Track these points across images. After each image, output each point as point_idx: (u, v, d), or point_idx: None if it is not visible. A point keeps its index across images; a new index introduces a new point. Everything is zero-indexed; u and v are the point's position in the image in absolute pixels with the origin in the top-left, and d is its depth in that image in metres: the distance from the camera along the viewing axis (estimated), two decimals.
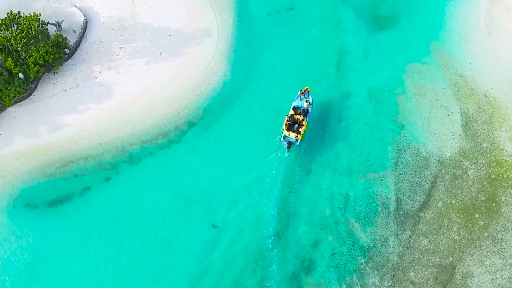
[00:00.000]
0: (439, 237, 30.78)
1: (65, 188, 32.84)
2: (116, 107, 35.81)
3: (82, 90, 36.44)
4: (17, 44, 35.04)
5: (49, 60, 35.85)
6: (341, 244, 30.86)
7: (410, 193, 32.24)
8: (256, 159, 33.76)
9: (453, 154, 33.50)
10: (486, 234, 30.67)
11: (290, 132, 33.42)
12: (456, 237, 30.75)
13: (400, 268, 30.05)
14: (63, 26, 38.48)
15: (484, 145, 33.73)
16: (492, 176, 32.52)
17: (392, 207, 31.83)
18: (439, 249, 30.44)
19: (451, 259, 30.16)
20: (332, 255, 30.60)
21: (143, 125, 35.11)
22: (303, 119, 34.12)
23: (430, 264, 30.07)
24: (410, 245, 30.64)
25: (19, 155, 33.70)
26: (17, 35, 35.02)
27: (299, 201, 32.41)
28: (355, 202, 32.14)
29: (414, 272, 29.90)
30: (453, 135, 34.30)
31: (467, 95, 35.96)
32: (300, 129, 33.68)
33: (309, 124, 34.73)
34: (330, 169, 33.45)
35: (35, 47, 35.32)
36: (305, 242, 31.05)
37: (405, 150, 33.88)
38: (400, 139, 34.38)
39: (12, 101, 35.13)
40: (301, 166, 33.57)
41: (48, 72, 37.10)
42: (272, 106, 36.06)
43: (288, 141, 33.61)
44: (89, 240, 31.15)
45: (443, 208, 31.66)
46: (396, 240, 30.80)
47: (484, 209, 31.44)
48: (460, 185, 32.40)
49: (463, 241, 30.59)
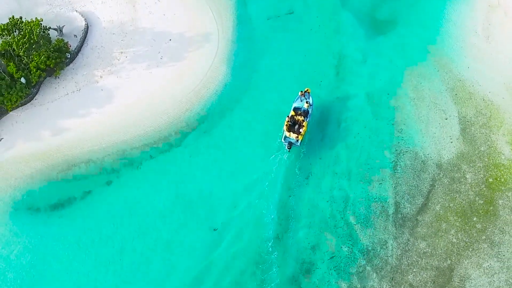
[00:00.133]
0: (437, 240, 31.01)
1: (66, 192, 33.04)
2: (117, 111, 36.03)
3: (84, 94, 36.66)
4: (19, 49, 35.28)
5: (51, 65, 36.01)
6: (340, 247, 31.05)
7: (408, 196, 32.47)
8: (256, 162, 33.94)
9: (451, 158, 33.71)
10: (483, 237, 30.89)
11: (291, 132, 33.71)
12: (454, 240, 30.98)
13: (399, 271, 30.28)
14: (64, 31, 38.63)
15: (482, 149, 33.96)
16: (490, 180, 32.74)
17: (391, 210, 32.06)
18: (437, 252, 30.67)
19: (449, 262, 30.38)
20: (332, 258, 30.82)
21: (144, 129, 35.31)
22: (303, 120, 34.38)
23: (428, 267, 30.29)
24: (409, 248, 30.87)
25: (21, 159, 33.90)
26: (19, 40, 35.25)
27: (299, 204, 32.60)
28: (354, 205, 32.33)
29: (412, 275, 30.13)
30: (451, 139, 34.52)
31: (465, 99, 36.16)
32: (301, 130, 33.94)
33: (309, 127, 34.94)
34: (329, 172, 33.62)
35: (37, 52, 35.54)
36: (305, 245, 31.24)
37: (404, 154, 34.11)
38: (399, 142, 34.59)
39: (14, 106, 35.32)
40: (300, 169, 33.73)
41: (50, 77, 37.31)
42: (272, 109, 36.19)
43: (289, 141, 33.84)
44: (90, 243, 31.35)
45: (441, 211, 31.88)
46: (394, 243, 31.04)
47: (482, 212, 31.68)
48: (458, 188, 32.63)
49: (461, 244, 30.82)
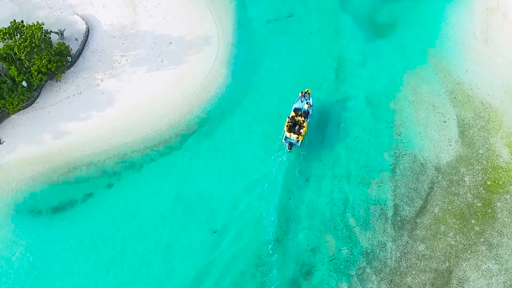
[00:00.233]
0: (436, 243, 31.20)
1: (68, 194, 33.24)
2: (118, 114, 36.23)
3: (85, 98, 36.85)
4: (20, 53, 35.47)
5: (52, 68, 36.16)
6: (340, 249, 31.24)
7: (407, 199, 32.67)
8: (256, 165, 34.15)
9: (449, 160, 33.91)
10: (482, 240, 31.10)
11: (291, 133, 33.96)
12: (453, 242, 31.18)
13: (398, 273, 30.48)
14: (65, 35, 38.83)
15: (480, 152, 34.16)
16: (488, 182, 32.95)
17: (390, 213, 32.26)
18: (435, 254, 30.87)
19: (447, 264, 30.58)
20: (331, 260, 31.00)
21: (144, 131, 35.50)
22: (303, 121, 34.63)
23: (427, 269, 30.49)
24: (408, 250, 31.07)
25: (23, 162, 34.09)
26: (20, 44, 35.43)
27: (299, 206, 32.80)
28: (354, 208, 32.55)
29: (411, 277, 30.33)
30: (449, 142, 34.72)
31: (463, 102, 36.37)
32: (301, 130, 34.18)
33: (309, 129, 35.16)
34: (329, 174, 33.84)
35: (38, 56, 35.72)
36: (305, 247, 31.44)
37: (403, 156, 34.31)
38: (398, 145, 34.79)
39: (15, 109, 35.52)
40: (300, 172, 33.94)
41: (51, 80, 37.49)
42: (272, 111, 36.42)
43: (289, 142, 34.09)
44: (91, 245, 31.54)
45: (439, 213, 32.08)
46: (393, 245, 31.24)
47: (480, 214, 31.88)
48: (456, 191, 32.83)
49: (460, 247, 31.02)
